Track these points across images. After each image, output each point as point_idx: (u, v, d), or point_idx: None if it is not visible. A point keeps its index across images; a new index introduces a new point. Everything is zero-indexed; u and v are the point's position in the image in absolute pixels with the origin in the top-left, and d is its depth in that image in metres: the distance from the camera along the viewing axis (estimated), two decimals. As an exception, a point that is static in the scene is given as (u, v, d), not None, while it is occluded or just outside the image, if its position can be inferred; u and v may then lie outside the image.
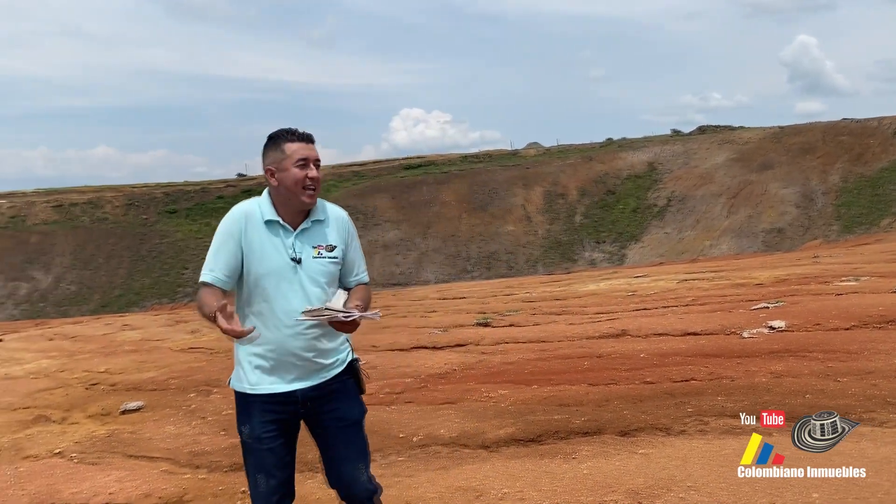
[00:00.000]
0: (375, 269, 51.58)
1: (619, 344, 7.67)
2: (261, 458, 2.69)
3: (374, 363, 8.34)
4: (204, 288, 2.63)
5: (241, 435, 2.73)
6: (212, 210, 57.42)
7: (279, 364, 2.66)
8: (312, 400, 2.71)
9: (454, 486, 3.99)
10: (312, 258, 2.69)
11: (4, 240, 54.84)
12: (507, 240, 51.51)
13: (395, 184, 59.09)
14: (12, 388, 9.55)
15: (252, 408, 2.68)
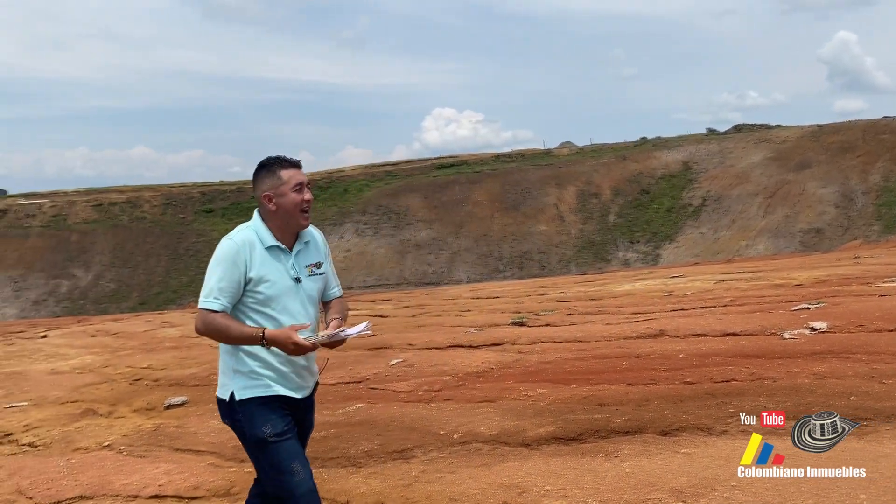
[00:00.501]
0: (408, 269, 51.83)
1: (657, 344, 7.64)
2: (290, 449, 2.87)
3: (412, 361, 8.42)
4: (215, 314, 2.79)
5: (262, 436, 2.85)
6: (247, 209, 57.98)
7: (287, 376, 2.90)
8: (303, 409, 3.03)
9: (497, 483, 4.04)
10: (307, 277, 2.96)
11: (46, 238, 56.16)
12: (540, 239, 51.37)
13: (428, 183, 59.24)
14: (59, 382, 9.82)
15: (271, 408, 2.86)
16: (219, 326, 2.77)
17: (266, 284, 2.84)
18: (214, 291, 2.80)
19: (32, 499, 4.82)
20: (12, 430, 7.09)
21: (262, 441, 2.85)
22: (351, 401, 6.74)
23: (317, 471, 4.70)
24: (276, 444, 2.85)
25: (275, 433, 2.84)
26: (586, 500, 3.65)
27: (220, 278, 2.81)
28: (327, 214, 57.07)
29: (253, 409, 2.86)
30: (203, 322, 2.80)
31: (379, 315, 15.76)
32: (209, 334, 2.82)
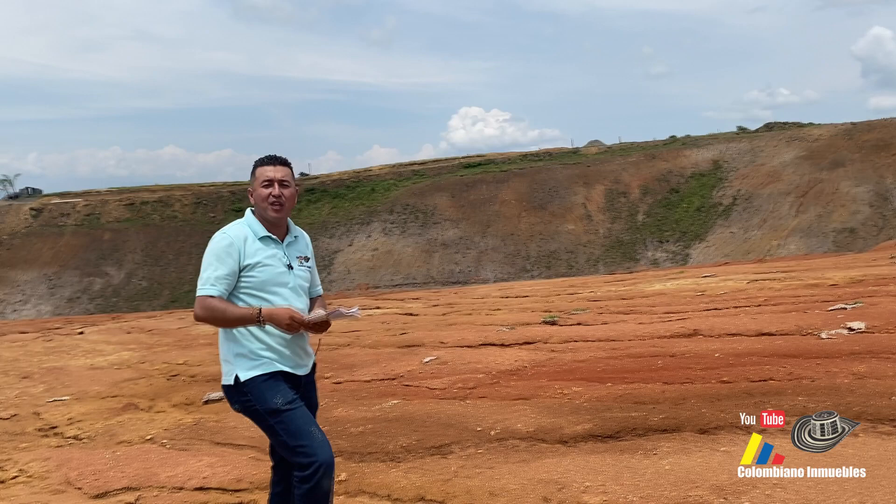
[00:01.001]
0: (434, 268, 51.91)
1: (691, 343, 7.61)
2: (305, 415, 3.08)
3: (444, 359, 8.47)
4: (213, 298, 2.98)
5: (275, 407, 3.01)
6: (276, 208, 58.74)
7: (285, 354, 3.10)
8: (305, 386, 3.24)
9: (536, 479, 4.08)
10: (298, 266, 3.23)
11: (80, 237, 57.13)
12: (568, 239, 51.17)
13: (455, 182, 59.29)
14: (99, 377, 10.02)
15: (278, 382, 3.06)
16: (216, 309, 2.96)
17: (260, 269, 3.06)
18: (211, 279, 2.99)
19: (81, 489, 4.95)
20: (57, 424, 7.26)
21: (276, 411, 3.01)
22: (386, 397, 6.81)
23: (356, 465, 4.80)
24: (290, 412, 3.01)
25: (286, 402, 3.02)
26: (626, 497, 3.68)
27: (216, 268, 3.01)
28: (354, 213, 57.40)
29: (260, 384, 3.03)
30: (202, 307, 2.99)
31: (408, 313, 15.84)
32: (208, 319, 2.99)
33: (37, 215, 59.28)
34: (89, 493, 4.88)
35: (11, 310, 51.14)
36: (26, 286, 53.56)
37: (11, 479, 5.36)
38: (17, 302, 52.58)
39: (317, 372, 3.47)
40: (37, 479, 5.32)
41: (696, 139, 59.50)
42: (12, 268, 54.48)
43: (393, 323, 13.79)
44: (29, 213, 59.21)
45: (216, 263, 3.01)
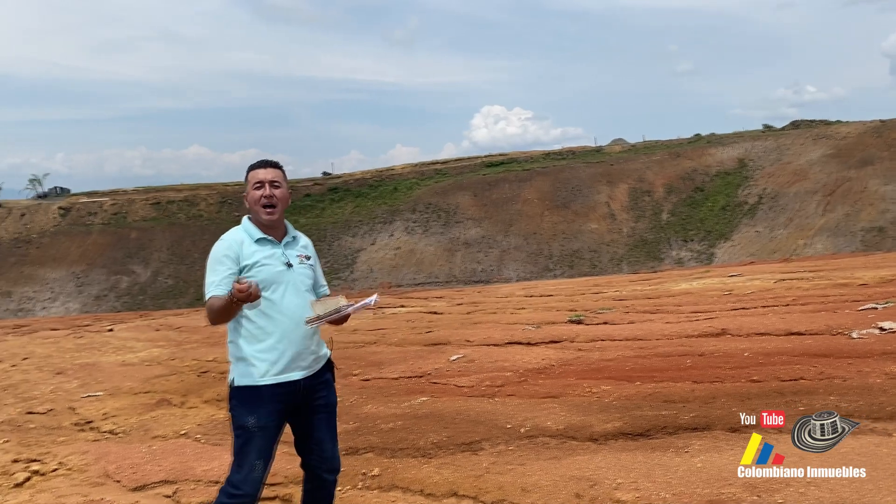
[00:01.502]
0: (457, 266, 51.94)
1: (720, 343, 7.59)
2: (263, 446, 3.10)
3: (471, 357, 8.53)
4: (213, 298, 3.01)
5: (245, 425, 3.07)
6: (300, 208, 59.08)
7: (284, 355, 3.09)
8: (308, 389, 3.19)
9: (567, 476, 4.11)
10: (298, 264, 3.24)
11: (107, 236, 57.90)
12: (591, 238, 50.97)
13: (477, 181, 59.28)
14: (131, 374, 10.19)
15: (262, 398, 3.07)
16: (209, 307, 3.01)
17: (258, 268, 3.10)
18: (214, 284, 3.04)
19: (120, 482, 5.06)
20: (92, 418, 7.41)
21: (243, 427, 3.08)
22: (415, 394, 6.87)
23: (388, 460, 4.86)
24: (252, 436, 3.07)
25: (258, 425, 3.06)
26: (659, 493, 3.70)
27: (218, 273, 3.07)
28: (377, 212, 57.61)
29: (245, 397, 3.08)
30: (206, 309, 3.05)
31: (433, 312, 15.92)
32: (209, 318, 3.04)
33: (65, 214, 60.16)
34: (128, 485, 4.99)
35: (41, 307, 51.97)
36: (55, 284, 54.38)
37: (52, 471, 5.49)
38: (46, 299, 53.41)
39: (342, 369, 3.49)
40: (76, 471, 5.44)
41: (722, 137, 58.97)
42: (41, 266, 55.36)
43: (418, 321, 13.87)
44: (57, 213, 60.11)
45: (216, 268, 3.08)
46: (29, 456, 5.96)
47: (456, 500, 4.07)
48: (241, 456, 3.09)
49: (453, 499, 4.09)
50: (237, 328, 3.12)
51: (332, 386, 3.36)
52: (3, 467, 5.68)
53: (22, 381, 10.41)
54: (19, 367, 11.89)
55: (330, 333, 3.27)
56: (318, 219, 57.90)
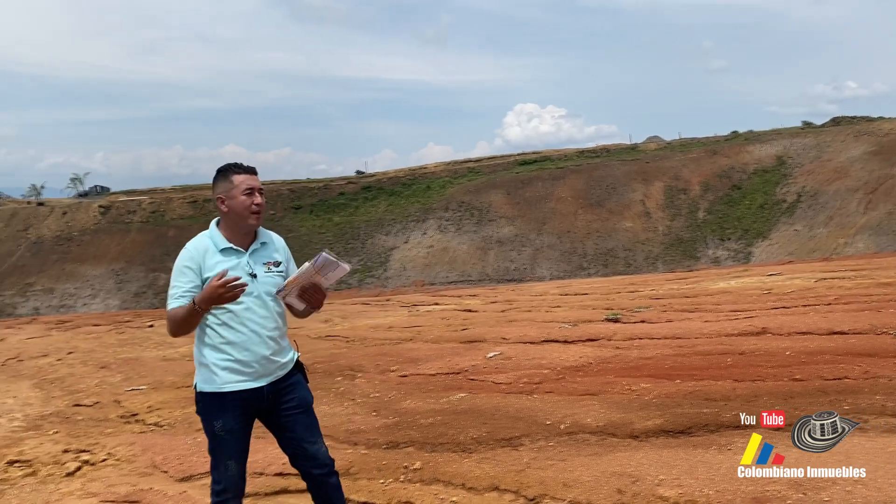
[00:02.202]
0: (490, 265, 51.87)
1: (760, 341, 7.52)
2: (233, 447, 3.15)
3: (508, 354, 8.55)
4: (176, 309, 3.02)
5: (212, 428, 3.12)
6: (334, 206, 59.53)
7: (247, 364, 3.10)
8: (275, 394, 3.20)
9: (609, 471, 4.12)
10: (264, 273, 3.17)
11: (146, 234, 58.88)
12: (626, 236, 50.52)
13: (510, 179, 59.10)
14: (172, 368, 10.40)
15: (225, 404, 3.09)
16: (171, 317, 3.03)
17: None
18: (176, 295, 3.04)
19: (167, 472, 5.19)
20: (137, 411, 7.59)
21: (211, 432, 3.14)
22: (452, 391, 6.91)
23: (429, 454, 4.91)
24: (221, 439, 3.12)
25: (224, 429, 3.11)
26: (702, 490, 3.69)
27: (180, 283, 3.06)
28: (410, 211, 57.74)
29: (209, 402, 3.12)
30: (167, 320, 3.08)
31: (467, 310, 15.96)
32: (170, 329, 3.08)
33: (105, 212, 61.31)
34: (175, 476, 5.11)
35: (82, 304, 53.05)
36: (95, 281, 55.46)
37: (101, 461, 5.64)
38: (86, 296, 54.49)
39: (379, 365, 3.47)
40: (125, 462, 5.59)
41: (759, 134, 58.02)
42: (82, 263, 56.47)
43: (453, 319, 13.92)
44: (98, 211, 61.28)
45: (179, 278, 3.07)
46: (78, 447, 6.13)
47: (497, 494, 4.11)
48: (214, 457, 3.18)
49: (495, 493, 4.12)
50: (201, 335, 3.14)
51: (303, 385, 3.35)
52: (55, 457, 5.86)
53: (68, 374, 10.69)
54: (65, 361, 12.21)
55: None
56: (352, 217, 58.24)
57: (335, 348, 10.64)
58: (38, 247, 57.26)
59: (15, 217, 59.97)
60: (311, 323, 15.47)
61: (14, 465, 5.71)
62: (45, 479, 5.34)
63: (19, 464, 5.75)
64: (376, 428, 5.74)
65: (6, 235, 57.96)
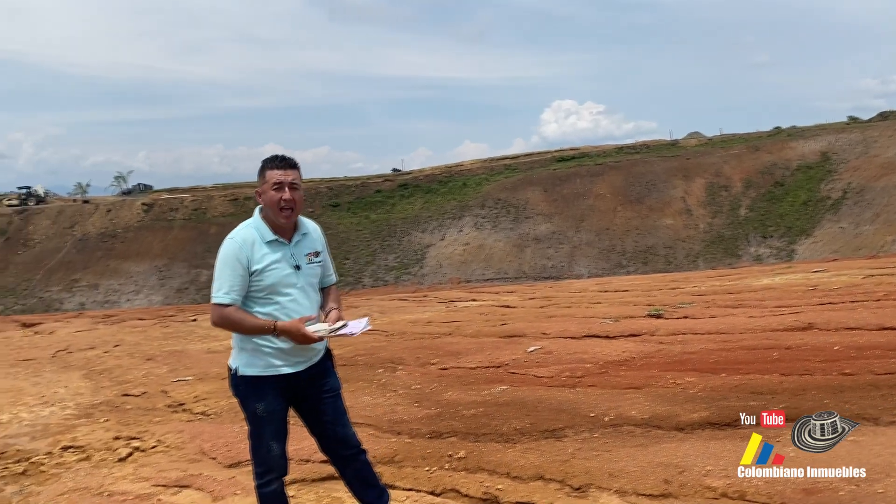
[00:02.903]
0: (526, 262, 51.73)
1: (807, 336, 7.39)
2: (274, 428, 3.27)
3: (549, 349, 8.52)
4: (227, 308, 3.11)
5: (255, 411, 3.24)
6: (370, 204, 59.89)
7: (290, 352, 3.20)
8: (309, 379, 3.32)
9: (655, 462, 4.10)
10: (307, 264, 3.27)
11: (188, 231, 59.90)
12: (666, 234, 49.94)
13: (548, 176, 58.83)
14: (217, 360, 10.57)
15: (267, 387, 3.21)
16: (233, 320, 3.11)
17: (268, 273, 3.14)
18: (224, 287, 3.10)
19: (215, 459, 5.30)
20: (184, 401, 7.74)
21: (253, 415, 3.26)
22: (493, 383, 6.92)
23: (472, 444, 4.93)
24: (263, 421, 3.24)
25: (266, 410, 3.22)
26: (750, 481, 3.66)
27: (228, 276, 3.11)
28: (446, 208, 57.82)
29: (251, 385, 3.23)
30: (218, 316, 3.12)
31: (505, 306, 15.93)
32: (224, 327, 3.16)
33: (148, 210, 62.54)
34: (223, 462, 5.21)
35: (125, 299, 54.20)
36: (139, 277, 56.60)
37: (151, 448, 5.78)
38: (130, 292, 55.64)
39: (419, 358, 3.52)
40: (174, 448, 5.71)
41: (803, 130, 56.94)
42: (126, 259, 57.70)
43: (491, 314, 13.90)
44: (141, 209, 62.55)
45: (227, 271, 3.11)
46: (129, 434, 6.29)
47: (543, 483, 4.12)
48: (256, 440, 3.28)
49: (540, 482, 4.13)
50: None
51: (332, 372, 3.49)
52: (107, 443, 6.01)
53: (115, 366, 10.94)
54: (112, 354, 12.49)
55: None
56: (389, 214, 58.55)
57: (375, 342, 10.71)
58: (83, 243, 58.63)
59: (62, 214, 61.48)
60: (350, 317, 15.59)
61: (68, 451, 5.88)
62: (98, 464, 5.49)
63: (73, 449, 5.92)
64: (419, 418, 5.78)
65: (53, 232, 59.46)
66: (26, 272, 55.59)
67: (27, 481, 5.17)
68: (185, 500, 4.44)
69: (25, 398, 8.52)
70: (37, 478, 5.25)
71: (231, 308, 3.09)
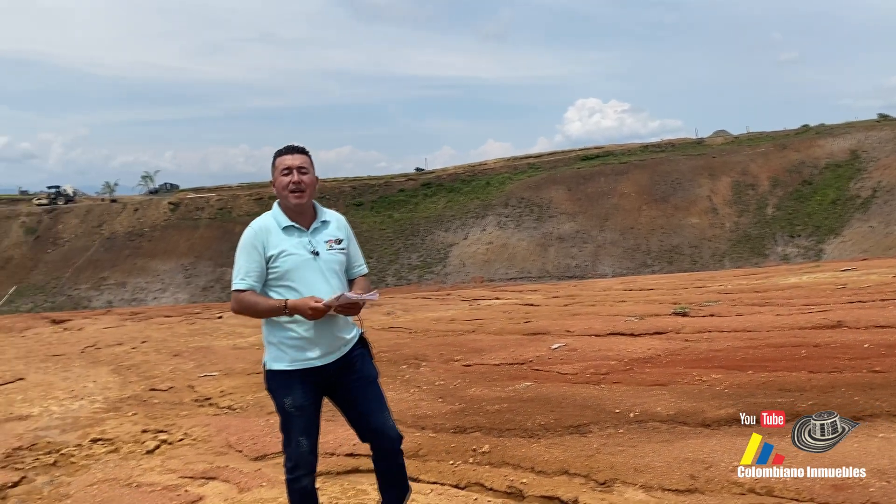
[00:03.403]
0: (550, 262, 51.51)
1: (836, 334, 7.29)
2: (303, 423, 3.19)
3: (573, 346, 8.49)
4: (244, 293, 3.11)
5: (283, 405, 3.18)
6: (394, 203, 60.01)
7: (313, 342, 3.14)
8: (340, 369, 3.23)
9: (681, 458, 4.07)
10: (326, 251, 3.21)
11: (213, 229, 60.44)
12: (691, 233, 49.48)
13: (571, 175, 58.53)
14: (242, 356, 10.68)
15: (294, 381, 3.15)
16: (249, 303, 3.10)
17: (283, 258, 3.12)
18: (241, 273, 3.11)
19: (241, 452, 5.34)
20: (210, 395, 7.82)
21: (282, 409, 3.19)
22: (517, 380, 6.91)
23: (497, 439, 4.93)
24: (292, 416, 3.17)
25: (294, 405, 3.16)
26: (778, 477, 3.61)
27: (244, 262, 3.13)
28: (469, 207, 57.77)
29: (279, 380, 3.18)
30: (236, 301, 3.14)
31: (529, 304, 15.91)
32: (242, 311, 3.15)
33: (174, 209, 63.19)
34: (249, 455, 5.26)
35: (152, 297, 54.81)
36: (165, 275, 57.21)
37: (178, 440, 5.85)
38: (156, 290, 56.26)
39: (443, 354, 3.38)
40: (201, 441, 5.77)
41: (832, 128, 56.08)
42: (153, 258, 58.34)
43: (514, 312, 13.89)
44: (167, 208, 63.21)
45: (243, 257, 3.13)
46: (156, 427, 6.37)
47: (567, 477, 4.10)
48: (286, 435, 3.23)
49: (565, 476, 4.12)
50: None
51: (367, 359, 3.37)
52: (135, 436, 6.09)
53: (143, 361, 11.08)
54: (139, 350, 12.65)
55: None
56: (412, 214, 58.62)
57: (398, 339, 10.75)
58: (111, 242, 59.39)
59: (90, 214, 62.33)
60: (373, 315, 15.66)
61: (97, 443, 5.96)
62: (126, 456, 5.57)
63: (102, 441, 6.00)
64: (443, 413, 5.79)
65: (82, 231, 60.31)
66: (55, 270, 56.46)
67: (58, 472, 5.26)
68: (211, 492, 4.48)
69: (56, 392, 8.66)
70: (67, 469, 5.34)
71: (247, 293, 3.11)
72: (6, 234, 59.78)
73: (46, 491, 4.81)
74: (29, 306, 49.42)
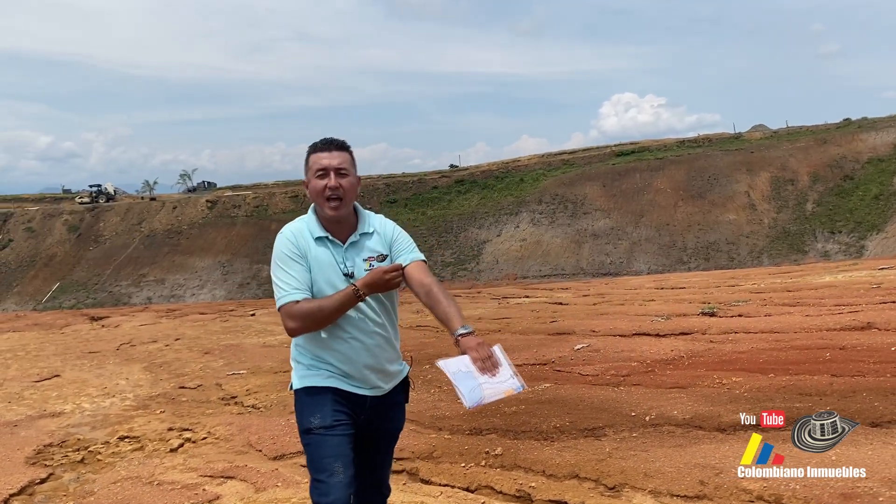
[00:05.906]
0: (584, 259, 51.15)
1: (864, 337, 7.15)
2: (336, 445, 2.58)
3: (596, 346, 8.47)
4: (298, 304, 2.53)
5: (310, 427, 2.60)
6: (427, 200, 60.15)
7: (347, 374, 2.64)
8: (375, 408, 2.70)
9: (692, 463, 4.05)
10: (365, 271, 2.62)
11: (250, 227, 61.22)
12: (728, 229, 48.73)
13: (606, 171, 58.04)
14: (271, 354, 10.85)
15: (324, 399, 2.61)
16: (309, 311, 2.52)
17: (314, 277, 2.60)
18: (287, 286, 2.56)
19: (261, 451, 5.45)
20: (236, 394, 7.97)
21: (308, 431, 2.61)
22: (537, 381, 6.92)
23: (511, 441, 4.95)
24: (321, 438, 2.58)
25: (322, 425, 2.58)
26: (788, 484, 3.58)
27: (286, 273, 2.58)
28: (503, 204, 57.64)
29: (306, 398, 2.65)
30: (291, 317, 2.53)
31: (558, 303, 15.85)
32: (305, 324, 2.54)
33: (212, 207, 64.11)
34: (268, 454, 5.36)
35: (190, 294, 55.72)
36: (203, 272, 58.10)
37: (201, 439, 5.98)
38: (194, 287, 57.16)
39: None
40: (222, 440, 5.90)
41: (875, 122, 54.68)
42: (190, 255, 59.28)
43: (542, 311, 13.86)
44: (205, 205, 64.16)
45: (284, 268, 2.58)
46: (182, 425, 6.52)
47: (577, 481, 4.11)
48: (315, 464, 2.59)
49: (574, 480, 4.13)
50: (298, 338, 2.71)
51: (401, 411, 2.86)
52: (160, 434, 6.25)
53: (174, 359, 11.32)
54: (172, 347, 12.92)
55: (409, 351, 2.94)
56: (445, 211, 58.66)
57: (424, 338, 10.81)
58: (150, 240, 60.50)
59: (130, 212, 63.58)
60: (402, 313, 15.72)
61: (124, 441, 6.12)
62: (150, 454, 5.71)
63: (129, 439, 6.16)
64: (460, 415, 5.82)
65: (122, 229, 61.57)
66: (97, 267, 57.69)
67: (84, 469, 5.42)
68: (228, 491, 4.58)
69: (89, 389, 8.90)
70: (93, 466, 5.49)
71: (302, 302, 2.53)
72: (50, 232, 61.29)
73: (72, 488, 4.96)
74: (71, 303, 50.63)
